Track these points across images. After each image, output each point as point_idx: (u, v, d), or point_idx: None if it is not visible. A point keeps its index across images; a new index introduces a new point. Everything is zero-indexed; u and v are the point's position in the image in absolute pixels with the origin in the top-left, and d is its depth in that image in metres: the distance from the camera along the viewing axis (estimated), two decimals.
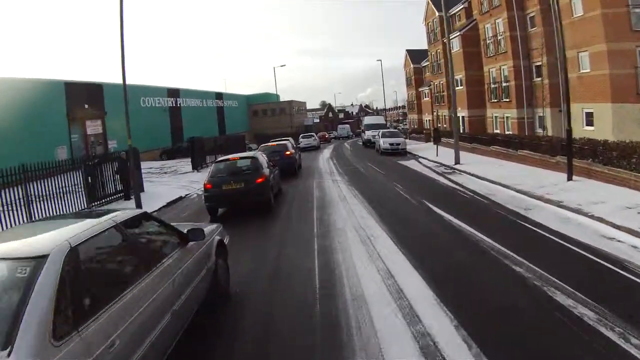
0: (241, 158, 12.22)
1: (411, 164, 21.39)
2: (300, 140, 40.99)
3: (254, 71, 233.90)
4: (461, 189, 13.28)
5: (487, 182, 13.97)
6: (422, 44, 44.64)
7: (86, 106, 34.98)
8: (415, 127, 48.04)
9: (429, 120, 44.43)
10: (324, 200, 12.58)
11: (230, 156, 12.60)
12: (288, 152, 20.13)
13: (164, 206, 14.21)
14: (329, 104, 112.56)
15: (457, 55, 34.16)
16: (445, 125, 39.16)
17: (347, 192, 13.85)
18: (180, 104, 51.82)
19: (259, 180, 11.12)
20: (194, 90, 56.24)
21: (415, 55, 49.44)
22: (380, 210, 10.55)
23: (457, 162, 18.73)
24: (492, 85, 29.69)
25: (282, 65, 53.39)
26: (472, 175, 15.75)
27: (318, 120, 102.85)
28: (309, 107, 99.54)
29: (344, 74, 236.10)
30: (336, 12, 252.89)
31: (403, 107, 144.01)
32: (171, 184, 20.06)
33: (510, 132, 27.03)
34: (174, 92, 50.82)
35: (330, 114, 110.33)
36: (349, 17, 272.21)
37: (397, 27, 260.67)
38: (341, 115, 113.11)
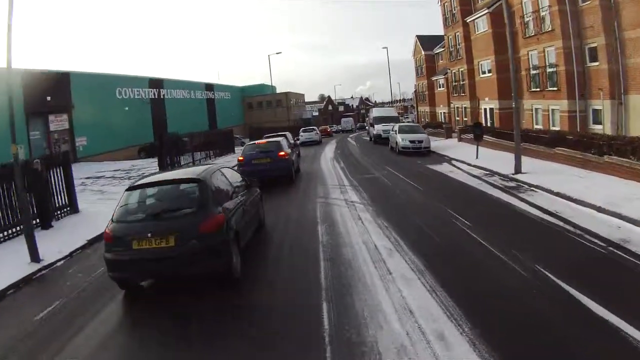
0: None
1: (447, 169, 16.19)
2: (301, 134, 37.55)
3: (249, 65, 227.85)
4: (566, 225, 8.04)
5: (609, 217, 8.32)
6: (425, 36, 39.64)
7: (48, 98, 29.63)
8: (427, 120, 42.78)
9: (444, 113, 39.24)
10: (341, 269, 6.42)
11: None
12: (282, 153, 15.24)
13: (76, 250, 8.89)
14: (329, 97, 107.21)
15: (483, 37, 28.96)
16: (465, 119, 34.04)
17: (377, 234, 8.10)
18: (164, 95, 46.47)
19: None
20: (180, 81, 50.83)
21: (426, 42, 44.14)
22: (472, 310, 4.78)
23: (518, 170, 13.52)
24: (533, 72, 24.48)
25: (277, 53, 49.32)
26: (561, 196, 10.47)
27: (317, 114, 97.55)
28: (307, 100, 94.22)
29: (343, 67, 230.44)
30: (333, 5, 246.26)
31: (403, 100, 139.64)
32: None
33: (557, 128, 21.89)
34: (156, 83, 45.41)
35: (330, 107, 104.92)
36: (348, 9, 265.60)
37: (398, 21, 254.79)
38: (341, 109, 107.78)
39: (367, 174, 15.99)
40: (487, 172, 14.75)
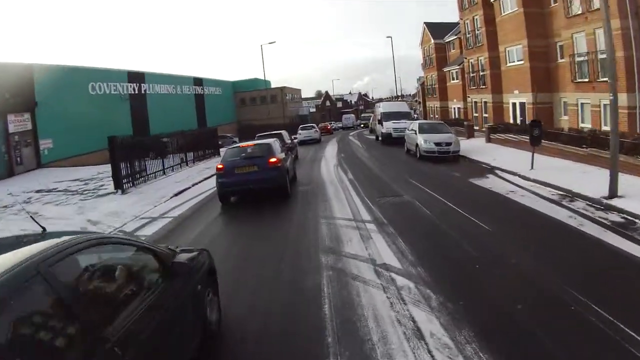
0: None
1: (501, 187, 11.66)
2: (300, 132, 34.90)
3: (242, 61, 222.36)
4: None
5: None
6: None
7: (7, 95, 25.27)
8: (437, 117, 38.47)
9: (459, 108, 34.95)
10: None
11: None
12: (273, 160, 12.00)
13: None
14: (326, 92, 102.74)
15: (513, 18, 24.66)
16: (485, 115, 29.81)
17: None
18: (145, 90, 41.95)
19: None
20: (164, 74, 46.26)
21: (436, 29, 39.81)
22: None
23: (614, 193, 9.27)
24: (579, 59, 20.21)
25: (271, 43, 42.43)
26: None
27: (314, 110, 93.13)
28: (303, 96, 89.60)
29: (339, 63, 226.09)
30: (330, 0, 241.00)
31: (402, 96, 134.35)
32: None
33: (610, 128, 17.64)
34: (136, 77, 40.89)
35: (328, 103, 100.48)
36: (343, 4, 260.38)
37: (396, 14, 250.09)
38: (339, 104, 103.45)
39: (391, 195, 11.54)
40: (563, 194, 10.45)
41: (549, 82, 22.96)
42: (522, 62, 24.02)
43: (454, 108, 35.93)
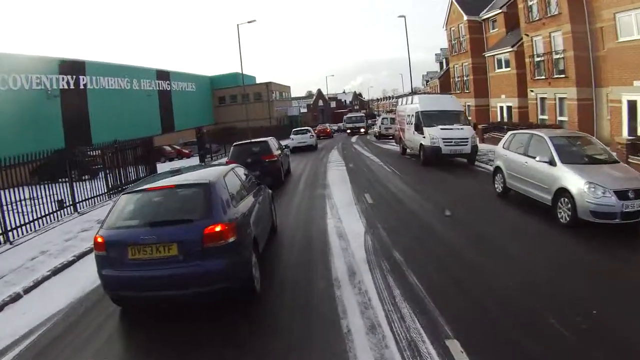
0: None
1: None
2: (292, 137, 28.82)
3: (229, 59, 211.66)
4: None
5: None
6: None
7: None
8: (470, 120, 28.50)
9: (510, 107, 25.20)
10: None
11: None
12: (213, 238, 4.64)
13: None
14: (319, 90, 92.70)
15: None
16: (563, 119, 20.30)
17: None
18: (86, 85, 31.88)
19: None
20: (114, 65, 36.15)
21: (469, 4, 30.29)
22: None
23: None
24: None
25: (250, 22, 32.28)
26: None
27: (305, 110, 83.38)
28: (293, 96, 79.69)
29: (330, 65, 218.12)
30: None
31: (391, 97, 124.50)
32: None
33: None
34: (72, 67, 30.87)
35: (321, 102, 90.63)
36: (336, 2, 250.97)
37: (393, 11, 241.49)
38: (332, 104, 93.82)
39: None
40: None
41: None
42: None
43: (502, 107, 26.18)
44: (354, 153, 23.14)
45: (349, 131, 45.50)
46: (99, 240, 4.72)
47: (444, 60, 49.85)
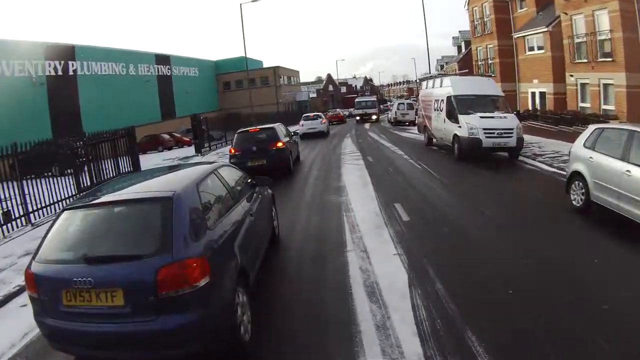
0: None
1: None
2: (302, 122, 27.06)
3: (233, 43, 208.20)
4: None
5: None
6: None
7: None
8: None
9: (544, 93, 22.17)
10: None
11: None
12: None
13: None
14: (329, 75, 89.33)
15: None
16: (606, 107, 17.51)
17: None
18: (76, 70, 29.49)
19: None
20: (108, 49, 33.59)
21: None
22: None
23: None
24: None
25: (254, 0, 29.03)
26: None
27: (314, 95, 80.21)
28: (302, 81, 76.63)
29: (341, 51, 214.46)
30: None
31: (408, 82, 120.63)
32: None
33: None
34: (61, 51, 28.47)
35: (331, 88, 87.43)
36: None
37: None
38: (343, 90, 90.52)
39: None
40: None
41: None
42: None
43: (533, 93, 23.22)
44: (370, 142, 20.35)
45: (358, 118, 38.71)
46: (29, 276, 3.48)
47: (462, 44, 46.29)
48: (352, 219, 7.30)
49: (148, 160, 21.28)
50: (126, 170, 12.95)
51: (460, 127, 12.60)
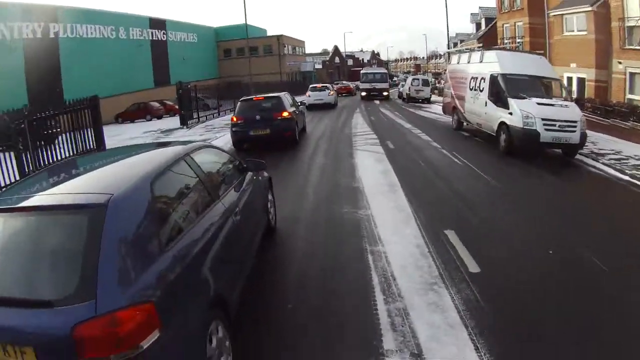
0: None
1: None
2: (309, 93, 26.23)
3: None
4: None
5: None
6: None
7: None
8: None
9: (585, 79, 19.27)
10: None
11: None
12: None
13: None
14: (335, 47, 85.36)
15: None
16: None
17: None
18: (57, 33, 26.66)
19: None
20: (94, 11, 30.45)
21: None
22: None
23: None
24: None
25: None
26: None
27: (320, 67, 76.54)
28: (307, 52, 72.91)
29: (348, 27, 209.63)
30: None
31: (415, 58, 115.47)
32: None
33: None
34: (42, 14, 25.47)
35: (337, 59, 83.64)
36: None
37: None
38: (349, 62, 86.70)
39: None
40: None
41: None
42: None
43: (569, 78, 20.19)
44: (384, 122, 17.69)
45: (363, 94, 31.79)
46: None
47: (482, 20, 42.17)
48: (383, 265, 4.51)
49: (124, 132, 18.75)
50: (87, 148, 10.53)
51: (511, 114, 9.94)
